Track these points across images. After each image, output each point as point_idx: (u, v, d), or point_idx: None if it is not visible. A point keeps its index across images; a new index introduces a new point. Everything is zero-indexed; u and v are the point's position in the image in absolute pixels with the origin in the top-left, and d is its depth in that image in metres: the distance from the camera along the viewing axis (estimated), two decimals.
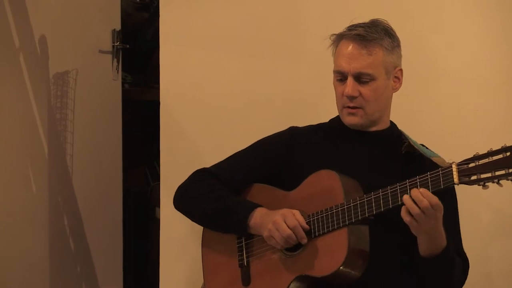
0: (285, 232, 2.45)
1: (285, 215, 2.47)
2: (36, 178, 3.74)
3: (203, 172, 2.72)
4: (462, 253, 2.55)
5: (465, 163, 2.23)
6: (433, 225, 2.34)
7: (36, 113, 3.73)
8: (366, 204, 2.38)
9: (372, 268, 2.42)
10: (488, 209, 3.26)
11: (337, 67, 2.58)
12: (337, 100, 2.62)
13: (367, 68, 2.53)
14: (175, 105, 3.38)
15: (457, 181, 2.24)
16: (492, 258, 3.28)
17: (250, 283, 2.58)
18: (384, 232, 2.45)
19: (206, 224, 2.70)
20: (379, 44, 2.54)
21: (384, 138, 2.61)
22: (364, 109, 2.56)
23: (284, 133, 2.72)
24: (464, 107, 3.31)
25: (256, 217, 2.55)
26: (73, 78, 3.84)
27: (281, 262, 2.52)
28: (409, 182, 2.32)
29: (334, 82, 2.62)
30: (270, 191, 2.63)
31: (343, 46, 2.58)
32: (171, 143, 3.38)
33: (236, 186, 2.67)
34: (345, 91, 2.55)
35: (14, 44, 3.66)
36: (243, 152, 2.74)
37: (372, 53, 2.54)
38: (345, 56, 2.56)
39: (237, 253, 2.63)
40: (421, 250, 2.42)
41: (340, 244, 2.39)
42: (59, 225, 3.83)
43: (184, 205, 2.72)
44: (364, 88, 2.54)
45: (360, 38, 2.54)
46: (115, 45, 3.90)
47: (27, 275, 3.70)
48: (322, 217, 2.45)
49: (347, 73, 2.55)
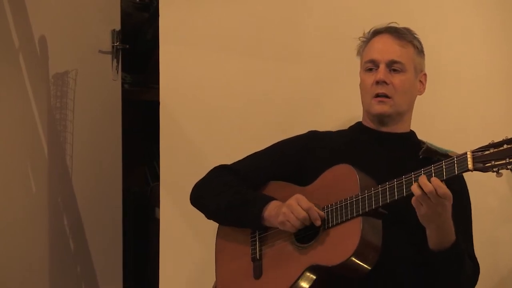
0: (300, 213, 2.47)
1: (298, 199, 2.51)
2: (36, 178, 3.74)
3: (222, 168, 2.75)
4: (475, 259, 2.57)
5: (479, 151, 2.26)
6: (441, 214, 2.35)
7: (35, 113, 3.73)
8: (381, 193, 2.39)
9: (383, 264, 2.42)
10: (496, 196, 3.27)
11: (368, 56, 2.64)
12: (365, 93, 2.66)
13: (400, 57, 2.61)
14: (174, 105, 3.38)
15: (471, 167, 2.26)
16: (500, 245, 3.30)
17: (261, 276, 2.59)
18: (397, 229, 2.47)
19: (221, 218, 2.72)
20: (410, 41, 2.64)
21: (403, 142, 2.63)
22: (394, 99, 2.61)
23: (303, 137, 2.75)
24: (463, 107, 3.32)
25: (270, 209, 2.57)
26: (73, 78, 3.84)
27: (293, 254, 2.53)
28: (424, 170, 2.34)
29: (363, 74, 2.66)
30: (286, 187, 2.65)
31: (375, 39, 2.66)
32: (171, 143, 3.38)
33: (253, 184, 2.71)
34: (378, 76, 2.59)
35: (13, 44, 3.66)
36: (262, 152, 2.77)
37: (404, 46, 2.62)
38: (378, 46, 2.63)
39: (250, 247, 2.64)
40: (431, 243, 2.43)
41: (353, 233, 2.40)
42: (59, 225, 3.83)
43: (200, 200, 2.74)
44: (394, 78, 2.60)
45: (393, 31, 2.63)
46: (115, 45, 3.90)
47: (26, 275, 3.70)
48: (336, 208, 2.47)
49: (379, 61, 2.62)
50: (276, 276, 2.55)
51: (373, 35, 2.68)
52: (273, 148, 2.77)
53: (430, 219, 2.37)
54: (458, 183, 2.56)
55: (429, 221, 2.38)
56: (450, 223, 2.39)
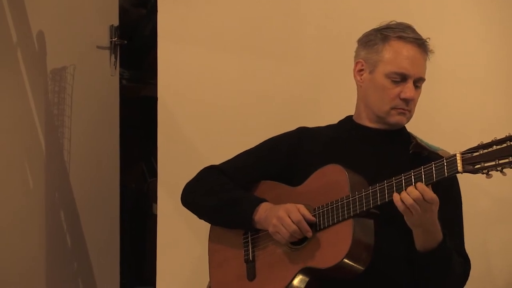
0: (291, 227, 2.46)
1: (289, 210, 2.48)
2: (33, 174, 3.74)
3: (211, 169, 2.73)
4: (464, 254, 2.56)
5: (469, 152, 2.25)
6: (428, 218, 2.35)
7: (33, 109, 3.73)
8: (371, 195, 2.38)
9: (376, 264, 2.42)
10: (487, 197, 3.27)
11: (399, 68, 2.55)
12: (382, 99, 2.58)
13: (424, 74, 2.58)
14: (172, 101, 3.38)
15: (461, 169, 2.25)
16: (492, 245, 3.30)
17: (255, 278, 2.59)
18: (389, 228, 2.46)
19: (212, 219, 2.71)
20: (429, 51, 2.59)
21: (394, 138, 2.62)
22: (411, 112, 2.59)
23: (291, 134, 2.73)
24: (463, 107, 3.32)
25: (261, 212, 2.56)
26: (71, 73, 3.84)
27: (286, 255, 2.52)
28: (414, 172, 2.33)
29: (386, 82, 2.56)
30: (276, 187, 2.64)
31: (403, 47, 2.56)
32: (168, 139, 3.38)
33: (243, 183, 2.68)
34: (408, 94, 2.53)
35: (12, 40, 3.66)
36: (250, 151, 2.75)
37: (426, 59, 2.58)
38: (409, 59, 2.54)
39: (243, 248, 2.64)
40: (417, 244, 2.43)
41: (345, 235, 2.39)
42: (56, 221, 3.83)
43: (191, 201, 2.73)
44: (416, 93, 2.57)
45: (421, 43, 2.56)
46: (113, 41, 3.90)
47: (23, 271, 3.69)
48: (327, 210, 2.46)
49: (410, 77, 2.55)
50: (270, 278, 2.55)
51: (397, 38, 2.57)
52: (263, 146, 2.74)
53: (418, 224, 2.37)
54: (448, 177, 2.55)
55: (417, 226, 2.38)
56: (437, 225, 2.39)
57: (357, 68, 2.64)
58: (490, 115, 3.29)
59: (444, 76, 3.29)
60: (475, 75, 3.30)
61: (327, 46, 3.32)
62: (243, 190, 2.67)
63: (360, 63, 2.62)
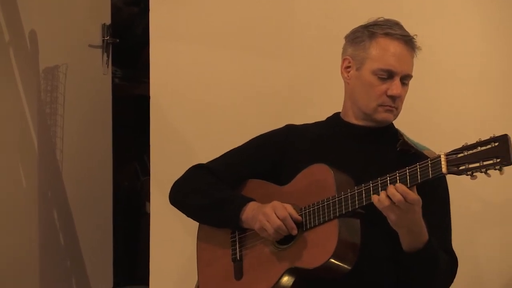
0: (276, 223, 2.46)
1: (275, 207, 2.49)
2: (26, 173, 3.74)
3: (198, 168, 2.73)
4: (452, 252, 2.56)
5: (454, 153, 2.24)
6: (412, 219, 2.35)
7: (26, 108, 3.72)
8: (357, 195, 2.39)
9: (363, 263, 2.43)
10: (475, 199, 3.27)
11: (386, 65, 2.54)
12: (369, 96, 2.57)
13: (411, 71, 2.57)
14: (165, 99, 3.38)
15: (445, 171, 2.24)
16: (480, 247, 3.30)
17: (242, 277, 2.59)
18: (375, 228, 2.46)
19: (200, 218, 2.71)
20: (417, 48, 2.58)
21: (380, 135, 2.62)
22: (398, 109, 2.58)
23: (279, 131, 2.72)
24: (462, 106, 3.31)
25: (248, 211, 2.56)
26: (63, 72, 3.83)
27: (273, 255, 2.53)
28: (399, 173, 2.33)
29: (373, 79, 2.56)
30: (264, 186, 2.64)
31: (389, 44, 2.55)
32: (161, 138, 3.38)
33: (230, 181, 2.68)
34: (395, 92, 2.53)
35: (4, 39, 3.66)
36: (238, 149, 2.75)
37: (413, 57, 2.57)
38: (395, 56, 2.54)
39: (230, 247, 2.64)
40: (403, 244, 2.43)
41: (331, 236, 2.39)
42: (49, 219, 3.83)
43: (179, 199, 2.73)
44: (403, 90, 2.57)
45: (408, 40, 2.55)
46: (105, 39, 3.90)
47: (16, 270, 3.69)
48: (313, 210, 2.46)
49: (396, 74, 2.54)
50: (257, 278, 2.55)
51: (384, 35, 2.56)
52: (251, 143, 2.74)
53: (401, 224, 2.37)
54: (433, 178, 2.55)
55: (400, 226, 2.38)
56: (422, 224, 2.39)
57: (344, 65, 2.63)
58: (489, 115, 3.29)
59: (443, 75, 3.28)
60: (474, 75, 3.30)
61: (322, 44, 3.31)
62: (230, 189, 2.66)
63: (347, 60, 2.61)
